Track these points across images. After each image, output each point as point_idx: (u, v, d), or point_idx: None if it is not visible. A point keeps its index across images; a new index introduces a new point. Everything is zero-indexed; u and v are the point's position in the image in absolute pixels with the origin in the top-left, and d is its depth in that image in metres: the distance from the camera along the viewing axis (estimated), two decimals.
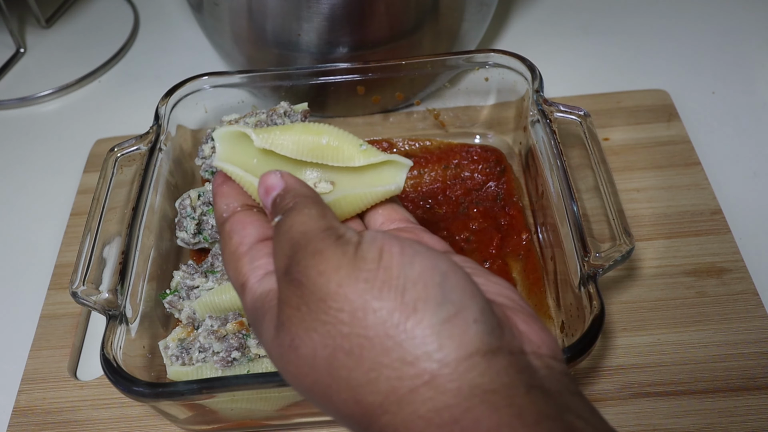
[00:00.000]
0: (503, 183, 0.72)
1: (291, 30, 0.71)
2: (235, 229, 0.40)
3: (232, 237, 0.40)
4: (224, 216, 0.42)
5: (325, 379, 0.32)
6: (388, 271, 0.31)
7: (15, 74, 0.96)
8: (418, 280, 0.31)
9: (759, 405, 0.55)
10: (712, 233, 0.67)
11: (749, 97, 0.82)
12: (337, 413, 0.33)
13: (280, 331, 0.33)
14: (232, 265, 0.39)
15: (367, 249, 0.32)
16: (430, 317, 0.30)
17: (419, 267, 0.31)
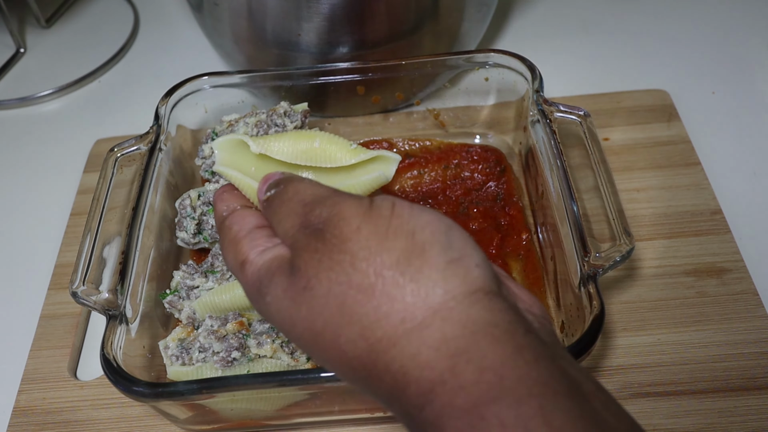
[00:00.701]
0: (503, 183, 0.72)
1: (291, 30, 0.71)
2: (235, 221, 0.42)
3: (231, 228, 0.42)
4: (223, 214, 0.44)
5: (336, 317, 0.33)
6: (399, 218, 0.34)
7: (15, 74, 0.96)
8: (425, 226, 0.34)
9: (759, 405, 0.55)
10: (712, 233, 0.67)
11: (749, 97, 0.82)
12: (343, 358, 0.33)
13: (295, 277, 0.35)
14: (231, 249, 0.41)
15: (381, 203, 0.35)
16: (437, 257, 0.33)
17: (427, 217, 0.35)
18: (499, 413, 0.28)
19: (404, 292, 0.32)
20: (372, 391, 0.34)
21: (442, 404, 0.30)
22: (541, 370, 0.30)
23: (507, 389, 0.29)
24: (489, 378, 0.29)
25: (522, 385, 0.29)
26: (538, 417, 0.28)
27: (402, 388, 0.31)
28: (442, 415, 0.30)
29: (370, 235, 0.33)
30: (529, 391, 0.29)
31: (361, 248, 0.33)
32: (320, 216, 0.36)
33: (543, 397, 0.28)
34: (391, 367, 0.32)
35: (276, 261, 0.37)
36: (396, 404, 0.32)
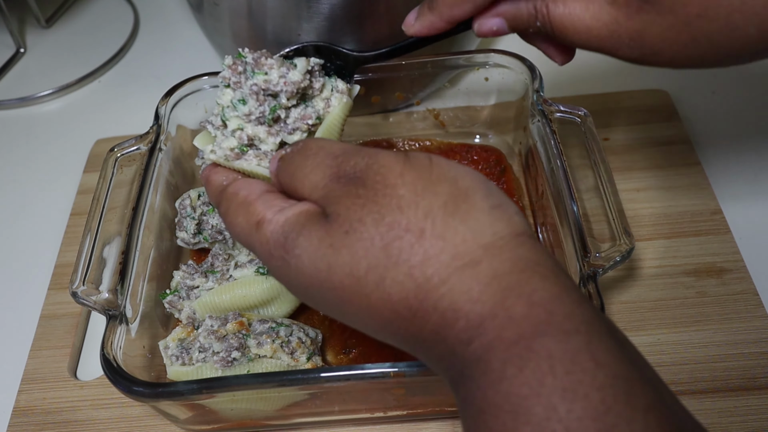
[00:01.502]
0: (503, 183, 0.72)
1: (291, 30, 0.71)
2: (241, 186, 0.41)
3: (238, 192, 0.41)
4: (224, 183, 0.43)
5: (382, 259, 0.33)
6: (439, 167, 0.35)
7: (15, 74, 0.96)
8: (465, 175, 0.35)
9: (759, 405, 0.55)
10: (712, 233, 0.67)
11: (749, 97, 0.82)
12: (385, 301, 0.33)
13: (334, 224, 0.34)
14: (242, 211, 0.39)
15: (417, 155, 0.36)
16: (481, 201, 0.34)
17: (464, 168, 0.36)
18: (547, 345, 0.29)
19: (455, 233, 0.32)
20: (413, 336, 0.33)
21: (491, 337, 0.30)
22: (585, 311, 0.31)
23: (555, 324, 0.30)
24: (538, 312, 0.30)
25: (570, 321, 0.30)
26: (585, 351, 0.29)
27: (450, 324, 0.32)
28: (490, 348, 0.30)
29: (416, 180, 0.34)
30: (576, 328, 0.30)
31: (408, 191, 0.34)
32: (356, 166, 0.36)
33: (589, 334, 0.30)
34: (440, 304, 0.32)
35: (303, 215, 0.36)
36: (439, 345, 0.32)
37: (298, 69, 0.46)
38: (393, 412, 0.56)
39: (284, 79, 0.46)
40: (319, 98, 0.48)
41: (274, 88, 0.46)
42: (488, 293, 0.31)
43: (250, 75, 0.46)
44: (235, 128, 0.47)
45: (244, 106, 0.46)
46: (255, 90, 0.46)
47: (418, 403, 0.55)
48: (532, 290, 0.31)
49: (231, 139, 0.47)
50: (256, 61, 0.46)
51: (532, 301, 0.31)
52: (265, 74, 0.46)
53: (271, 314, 0.60)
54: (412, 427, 0.57)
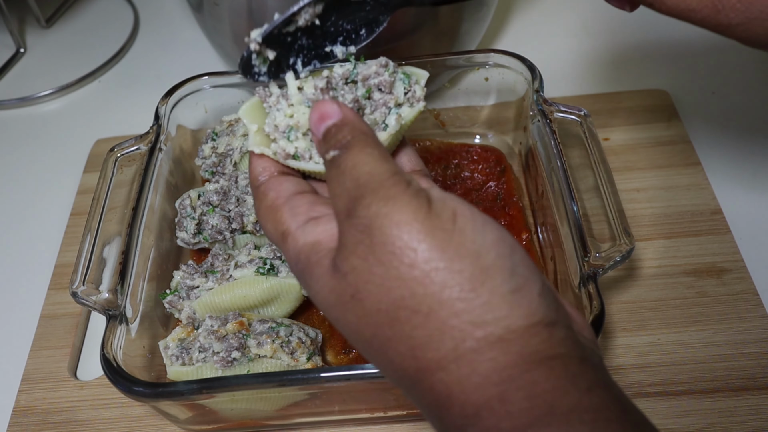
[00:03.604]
0: (503, 183, 0.72)
1: None
2: (271, 187, 0.40)
3: (267, 194, 0.40)
4: (260, 179, 0.41)
5: (386, 332, 0.32)
6: (462, 234, 0.31)
7: (15, 74, 0.96)
8: (491, 248, 0.32)
9: (759, 405, 0.55)
10: (712, 233, 0.67)
11: (749, 97, 0.82)
12: (388, 365, 0.33)
13: (341, 281, 0.33)
14: (270, 217, 0.39)
15: (441, 208, 0.32)
16: (502, 285, 0.31)
17: (491, 236, 0.32)
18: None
19: (462, 320, 0.30)
20: (414, 400, 0.33)
21: (487, 427, 0.29)
22: (594, 398, 0.29)
23: (557, 416, 0.28)
24: (539, 404, 0.29)
25: (573, 412, 0.28)
26: None
27: (446, 407, 0.31)
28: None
29: (432, 250, 0.31)
30: (580, 418, 0.28)
31: (416, 268, 0.31)
32: (368, 208, 0.32)
33: (594, 423, 0.28)
34: (436, 388, 0.31)
35: (317, 248, 0.35)
36: (436, 420, 0.32)
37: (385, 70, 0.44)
38: (393, 412, 0.56)
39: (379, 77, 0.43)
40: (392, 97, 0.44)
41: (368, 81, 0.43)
42: (486, 385, 0.30)
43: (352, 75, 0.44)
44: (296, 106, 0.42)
45: None
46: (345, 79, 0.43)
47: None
48: (534, 383, 0.29)
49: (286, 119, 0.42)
50: None
51: (534, 393, 0.29)
52: None
53: (271, 314, 0.60)
54: (412, 427, 0.57)
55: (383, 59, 0.43)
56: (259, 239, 0.65)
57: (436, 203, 0.33)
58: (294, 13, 0.42)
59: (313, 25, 0.43)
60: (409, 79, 0.43)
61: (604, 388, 0.30)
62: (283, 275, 0.59)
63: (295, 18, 0.42)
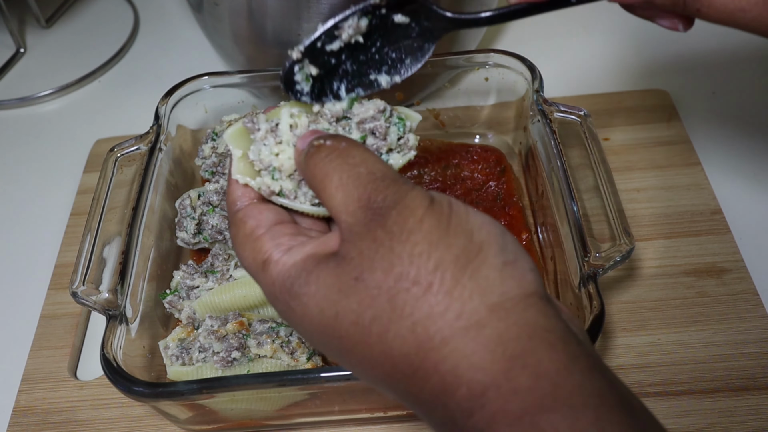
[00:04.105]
0: (503, 183, 0.72)
1: (291, 30, 0.71)
2: (250, 215, 0.39)
3: (246, 222, 0.39)
4: (237, 204, 0.40)
5: (387, 311, 0.32)
6: (458, 216, 0.34)
7: (15, 74, 0.96)
8: (482, 227, 0.34)
9: (759, 405, 0.55)
10: (712, 233, 0.67)
11: (749, 97, 0.82)
12: (386, 354, 0.32)
13: (345, 267, 0.33)
14: (248, 246, 0.38)
15: (440, 200, 0.35)
16: (494, 258, 0.32)
17: (482, 218, 0.34)
18: (554, 422, 0.28)
19: (462, 289, 0.31)
20: (412, 395, 0.32)
21: (494, 410, 0.29)
22: (595, 381, 0.29)
23: (562, 398, 0.28)
24: (544, 385, 0.29)
25: (577, 395, 0.29)
26: (594, 428, 0.28)
27: (451, 390, 0.30)
28: (493, 422, 0.29)
29: (433, 228, 0.33)
30: (584, 402, 0.28)
31: (423, 239, 0.32)
32: (386, 199, 0.34)
33: (598, 408, 0.28)
34: (441, 367, 0.31)
35: (312, 259, 0.35)
36: (439, 410, 0.31)
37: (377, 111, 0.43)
38: (393, 412, 0.56)
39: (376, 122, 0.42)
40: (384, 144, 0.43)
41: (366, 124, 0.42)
42: (492, 360, 0.30)
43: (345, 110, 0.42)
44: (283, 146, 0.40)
45: None
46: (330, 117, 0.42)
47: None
48: (538, 360, 0.29)
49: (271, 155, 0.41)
50: None
51: (538, 372, 0.29)
52: None
53: (271, 314, 0.60)
54: (412, 426, 0.57)
55: (381, 104, 0.42)
56: None
57: (436, 197, 0.35)
58: (336, 24, 0.41)
59: (357, 49, 0.43)
60: (404, 126, 0.43)
61: (600, 371, 0.30)
62: None
63: (337, 31, 0.41)
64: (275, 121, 0.41)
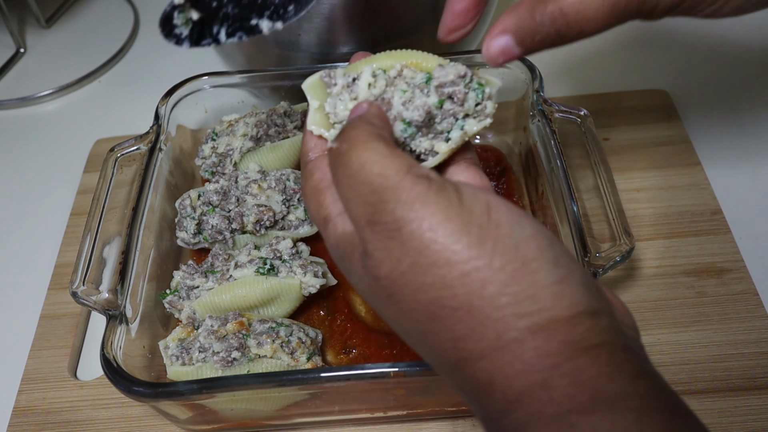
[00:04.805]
0: (503, 183, 0.72)
1: (291, 30, 0.71)
2: (318, 167, 0.39)
3: (314, 173, 0.38)
4: (310, 155, 0.40)
5: (426, 327, 0.32)
6: (499, 228, 0.31)
7: (15, 74, 0.96)
8: (530, 241, 0.31)
9: (759, 405, 0.55)
10: (712, 233, 0.67)
11: (749, 97, 0.82)
12: (429, 354, 0.33)
13: (376, 283, 0.33)
14: (313, 198, 0.38)
15: (473, 201, 0.31)
16: (545, 276, 0.30)
17: (529, 229, 0.32)
18: (592, 422, 0.27)
19: (505, 313, 0.30)
20: (454, 385, 0.33)
21: (529, 412, 0.29)
22: (640, 386, 0.29)
23: (602, 401, 0.28)
24: (583, 391, 0.28)
25: (619, 399, 0.28)
26: (635, 428, 0.27)
27: (487, 393, 0.30)
28: (527, 423, 0.29)
29: (469, 251, 0.30)
30: (626, 405, 0.28)
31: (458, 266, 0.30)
32: (393, 214, 0.31)
33: (640, 410, 0.28)
34: (478, 376, 0.31)
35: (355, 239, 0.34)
36: (477, 407, 0.32)
37: None
38: (393, 412, 0.56)
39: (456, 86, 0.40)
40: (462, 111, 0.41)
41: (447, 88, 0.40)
42: (529, 372, 0.29)
43: None
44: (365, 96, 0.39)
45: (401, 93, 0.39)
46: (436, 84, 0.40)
47: (418, 403, 0.55)
48: (579, 370, 0.29)
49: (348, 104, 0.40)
50: None
51: (578, 380, 0.29)
52: None
53: (271, 314, 0.60)
54: (412, 427, 0.57)
55: (462, 69, 0.40)
56: (259, 239, 0.65)
57: (467, 197, 0.32)
58: None
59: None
60: (483, 93, 0.41)
61: (649, 376, 0.30)
62: (283, 275, 0.59)
63: None
64: (352, 76, 0.40)
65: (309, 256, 0.62)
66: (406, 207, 0.31)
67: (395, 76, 0.40)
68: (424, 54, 0.41)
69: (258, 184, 0.64)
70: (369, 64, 0.40)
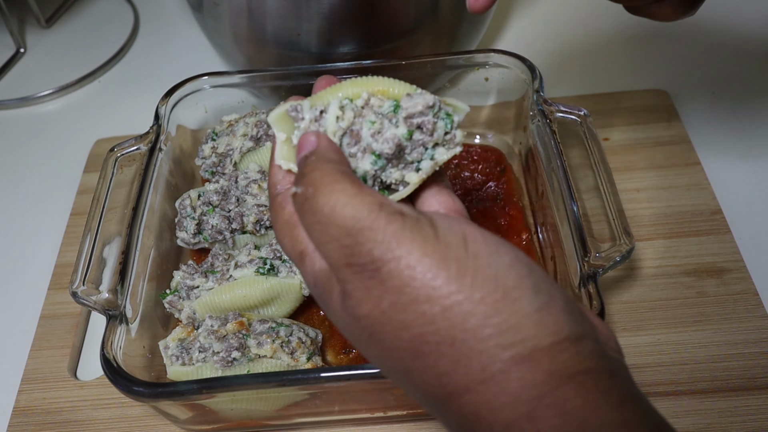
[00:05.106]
0: (503, 183, 0.72)
1: (291, 30, 0.71)
2: (288, 200, 0.38)
3: (284, 207, 0.38)
4: (278, 188, 0.40)
5: (409, 364, 0.31)
6: (477, 259, 0.31)
7: (15, 74, 0.96)
8: (509, 269, 0.31)
9: (759, 405, 0.55)
10: (712, 233, 0.67)
11: (749, 97, 0.82)
12: (413, 390, 0.33)
13: (356, 323, 0.33)
14: (287, 233, 0.37)
15: (449, 234, 0.32)
16: (526, 305, 0.30)
17: (507, 257, 0.32)
18: None
19: (488, 345, 0.30)
20: (443, 421, 0.33)
21: None
22: (625, 413, 0.29)
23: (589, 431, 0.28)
24: (570, 421, 0.28)
25: (606, 428, 0.28)
26: None
27: (473, 427, 0.30)
28: None
29: (449, 286, 0.30)
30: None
31: (435, 304, 0.30)
32: (371, 255, 0.31)
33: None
34: (464, 410, 0.30)
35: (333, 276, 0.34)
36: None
37: None
38: (393, 412, 0.56)
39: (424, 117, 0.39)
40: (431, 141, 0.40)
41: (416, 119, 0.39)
42: (515, 404, 0.29)
43: None
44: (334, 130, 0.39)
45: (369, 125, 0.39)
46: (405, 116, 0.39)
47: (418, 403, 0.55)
48: (564, 399, 0.29)
49: None
50: None
51: (564, 410, 0.29)
52: None
53: (271, 314, 0.60)
54: (412, 427, 0.57)
55: (430, 99, 0.39)
56: (259, 239, 0.65)
57: (443, 230, 0.32)
58: None
59: None
60: (452, 122, 0.41)
61: (634, 401, 0.30)
62: (283, 275, 0.59)
63: None
64: (319, 109, 0.40)
65: None
66: (383, 246, 0.31)
67: (362, 106, 0.40)
68: (390, 80, 0.41)
69: (258, 184, 0.64)
70: (335, 94, 0.40)
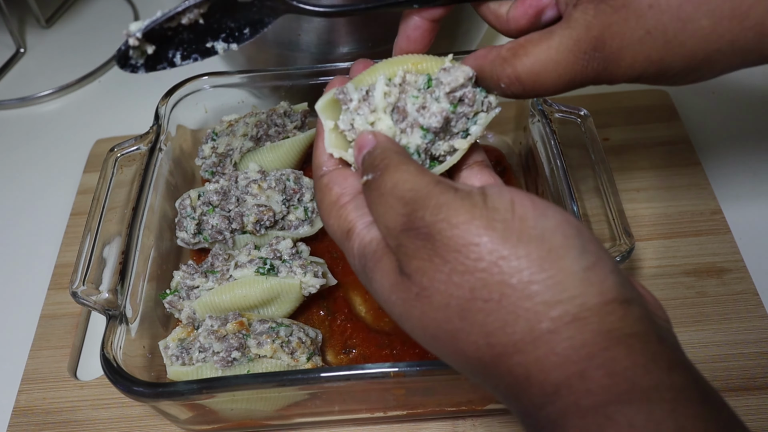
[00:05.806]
0: None
1: (291, 30, 0.71)
2: (335, 181, 0.40)
3: (331, 188, 0.39)
4: (323, 169, 0.41)
5: (456, 324, 0.32)
6: (524, 221, 0.32)
7: (15, 74, 0.96)
8: (556, 230, 0.32)
9: (759, 405, 0.55)
10: (712, 233, 0.67)
11: (749, 97, 0.82)
12: (459, 356, 0.33)
13: (405, 281, 0.33)
14: (333, 213, 0.39)
15: (497, 200, 0.33)
16: (572, 264, 0.31)
17: (553, 219, 0.32)
18: (627, 413, 0.28)
19: (535, 302, 0.30)
20: (489, 386, 0.33)
21: (566, 404, 0.29)
22: (675, 378, 0.29)
23: (637, 393, 0.28)
24: (619, 382, 0.29)
25: (654, 390, 0.28)
26: (670, 419, 0.27)
27: (523, 388, 0.31)
28: (565, 414, 0.29)
29: (495, 242, 0.31)
30: (661, 396, 0.28)
31: (483, 259, 0.31)
32: (423, 220, 0.33)
33: (676, 401, 0.28)
34: (514, 371, 0.31)
35: (381, 245, 0.36)
36: (514, 402, 0.32)
37: None
38: (393, 412, 0.56)
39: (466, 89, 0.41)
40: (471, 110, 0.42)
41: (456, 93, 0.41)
42: (565, 363, 0.30)
43: None
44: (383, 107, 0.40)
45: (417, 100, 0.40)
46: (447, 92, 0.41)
47: (418, 403, 0.55)
48: (614, 360, 0.29)
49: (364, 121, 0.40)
50: None
51: (613, 371, 0.29)
52: None
53: (271, 314, 0.60)
54: (412, 427, 0.57)
55: (469, 71, 0.41)
56: (259, 239, 0.65)
57: (492, 197, 0.33)
58: (179, 12, 0.41)
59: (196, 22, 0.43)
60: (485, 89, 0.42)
61: (683, 367, 0.30)
62: (283, 275, 0.59)
63: (179, 16, 0.41)
64: (365, 89, 0.41)
65: (309, 256, 0.62)
66: (435, 211, 0.33)
67: (400, 83, 0.41)
68: (419, 56, 0.42)
69: (258, 184, 0.64)
70: (375, 74, 0.41)
